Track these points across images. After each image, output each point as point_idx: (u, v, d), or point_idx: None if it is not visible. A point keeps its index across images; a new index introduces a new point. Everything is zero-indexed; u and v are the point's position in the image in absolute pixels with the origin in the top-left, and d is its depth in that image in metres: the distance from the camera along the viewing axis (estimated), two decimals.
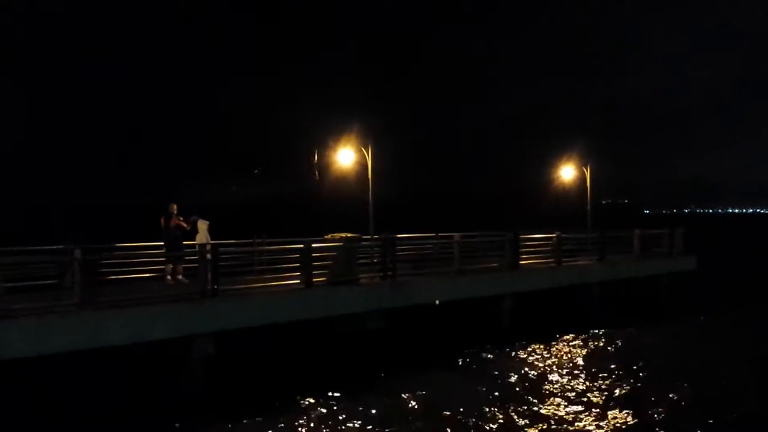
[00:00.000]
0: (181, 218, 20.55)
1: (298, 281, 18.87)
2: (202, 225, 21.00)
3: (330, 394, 16.38)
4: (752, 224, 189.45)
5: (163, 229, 20.46)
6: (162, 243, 20.32)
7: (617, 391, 17.04)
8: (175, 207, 20.59)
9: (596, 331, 24.05)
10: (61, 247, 17.77)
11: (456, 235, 23.49)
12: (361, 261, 20.98)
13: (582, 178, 34.00)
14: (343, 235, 20.42)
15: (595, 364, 19.81)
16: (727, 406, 16.06)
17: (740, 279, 41.37)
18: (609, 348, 22.01)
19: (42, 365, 13.65)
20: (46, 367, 13.75)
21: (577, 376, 18.48)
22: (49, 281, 17.52)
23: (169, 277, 19.90)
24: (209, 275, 16.91)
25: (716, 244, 55.68)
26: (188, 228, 20.62)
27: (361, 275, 20.30)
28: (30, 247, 18.00)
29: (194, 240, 20.42)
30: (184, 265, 20.02)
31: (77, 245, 16.62)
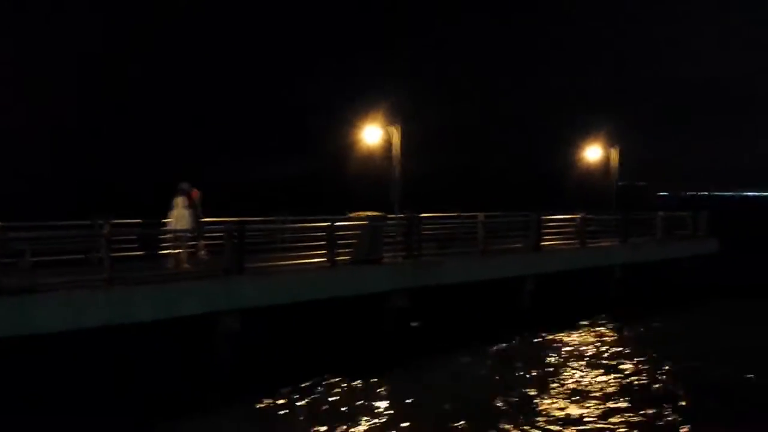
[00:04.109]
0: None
1: (323, 260, 18.80)
2: (179, 201, 18.98)
3: (353, 373, 16.32)
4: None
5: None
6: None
7: (639, 378, 16.84)
8: (185, 185, 20.13)
9: (619, 314, 23.86)
10: (88, 222, 17.74)
11: (480, 215, 23.33)
12: (386, 239, 20.85)
13: (606, 159, 33.71)
14: (368, 213, 20.30)
15: (617, 349, 19.69)
16: (753, 392, 15.94)
17: (761, 261, 41.12)
18: (631, 333, 21.89)
19: (70, 340, 13.66)
20: (75, 343, 13.76)
21: (598, 363, 18.27)
22: (73, 256, 17.48)
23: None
24: (235, 252, 16.85)
25: (736, 226, 55.32)
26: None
27: (385, 254, 20.20)
28: (57, 222, 17.95)
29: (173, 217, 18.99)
30: (209, 242, 19.87)
31: (106, 221, 16.58)
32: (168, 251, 18.47)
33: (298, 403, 14.56)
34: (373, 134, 24.57)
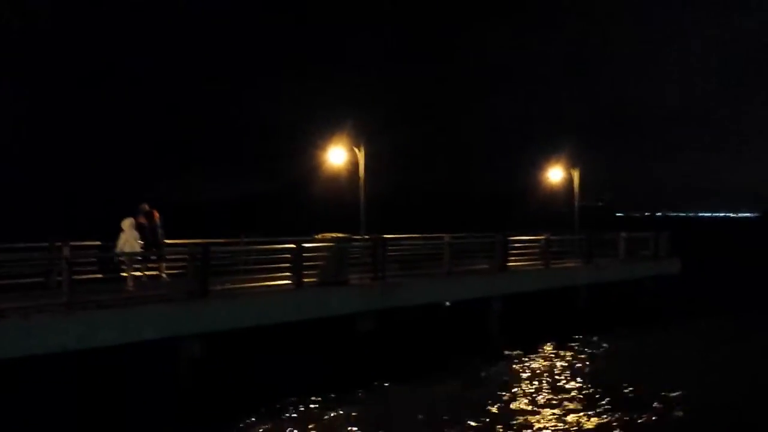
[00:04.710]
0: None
1: (289, 282, 18.50)
2: (127, 222, 18.62)
3: (319, 398, 16.03)
4: (720, 228, 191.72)
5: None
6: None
7: (605, 398, 16.73)
8: (145, 206, 19.99)
9: (584, 335, 23.86)
10: (46, 244, 17.23)
11: (446, 236, 23.23)
12: (351, 261, 20.62)
13: (568, 180, 33.93)
14: (334, 235, 20.09)
15: (585, 369, 19.68)
16: (712, 410, 16.05)
17: (722, 281, 41.93)
18: (598, 353, 21.88)
19: (29, 367, 13.20)
20: (34, 369, 13.30)
21: (566, 383, 18.20)
22: (30, 280, 16.92)
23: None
24: (198, 275, 16.49)
25: (695, 247, 56.29)
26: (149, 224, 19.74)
27: (352, 276, 19.97)
28: (14, 245, 17.39)
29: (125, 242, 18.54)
30: (172, 265, 19.47)
31: (65, 243, 16.14)
32: (125, 274, 18.08)
33: (261, 428, 14.22)
34: (337, 155, 24.41)
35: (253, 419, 14.68)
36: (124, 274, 18.13)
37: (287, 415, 15.06)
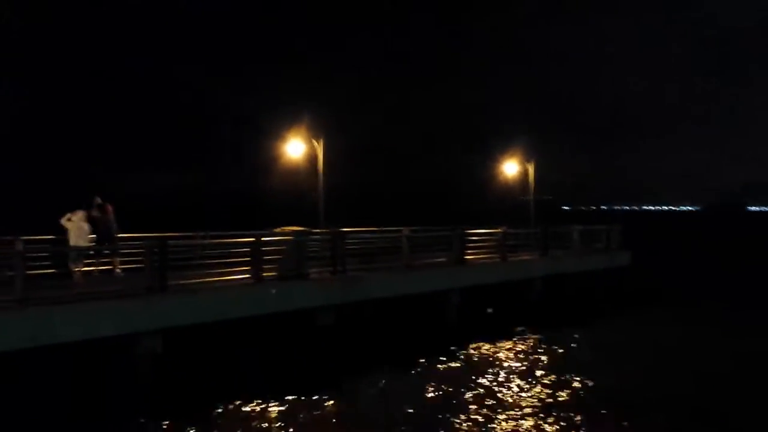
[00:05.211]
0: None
1: (248, 276, 18.26)
2: (79, 215, 18.75)
3: (279, 392, 15.86)
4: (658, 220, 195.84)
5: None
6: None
7: (560, 390, 16.86)
8: (98, 199, 19.71)
9: (540, 326, 24.08)
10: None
11: (405, 229, 23.20)
12: (311, 255, 20.46)
13: (523, 174, 34.23)
14: (293, 228, 19.89)
15: (538, 361, 19.85)
16: (670, 399, 16.30)
17: (669, 273, 42.92)
18: (552, 344, 22.04)
19: None
20: None
21: (520, 375, 18.30)
22: None
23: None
24: (157, 270, 16.15)
25: (643, 240, 57.55)
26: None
27: (311, 270, 19.79)
28: None
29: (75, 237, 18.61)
30: (128, 259, 19.11)
31: (16, 237, 15.63)
32: (76, 269, 17.70)
33: (221, 425, 14.03)
34: (296, 148, 24.18)
35: (214, 414, 14.49)
36: (75, 269, 17.78)
37: (248, 410, 14.90)
